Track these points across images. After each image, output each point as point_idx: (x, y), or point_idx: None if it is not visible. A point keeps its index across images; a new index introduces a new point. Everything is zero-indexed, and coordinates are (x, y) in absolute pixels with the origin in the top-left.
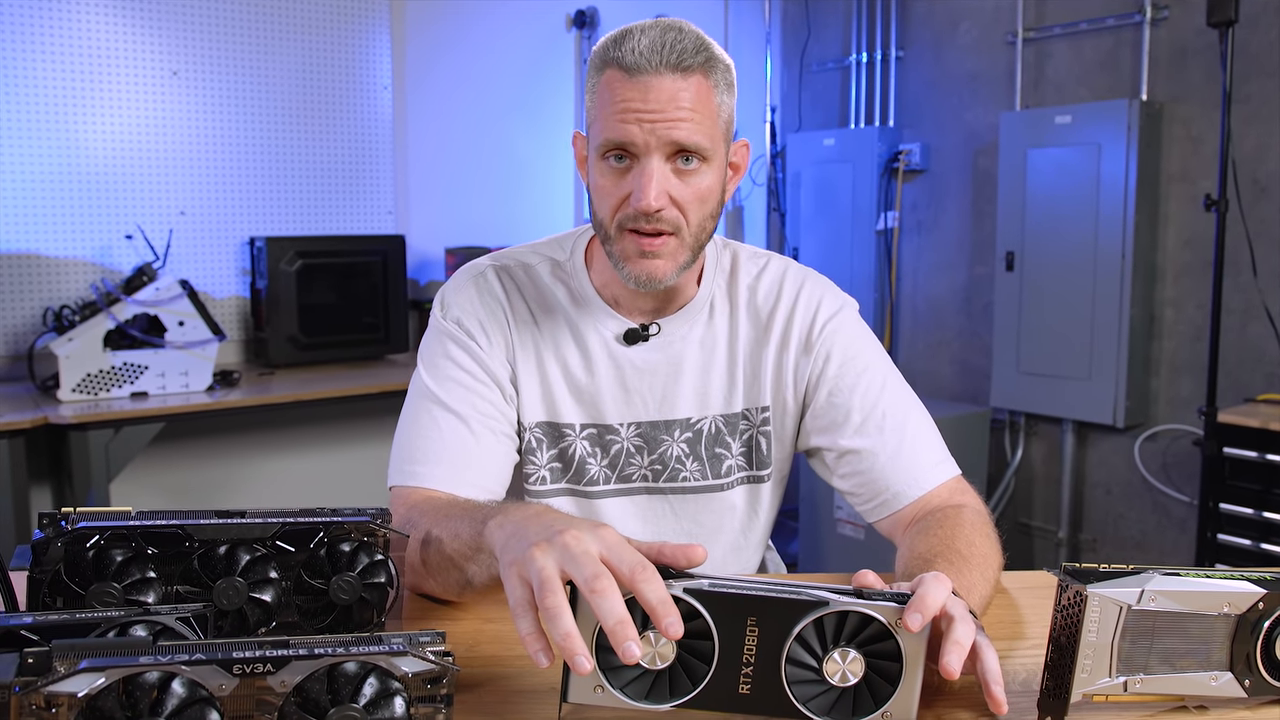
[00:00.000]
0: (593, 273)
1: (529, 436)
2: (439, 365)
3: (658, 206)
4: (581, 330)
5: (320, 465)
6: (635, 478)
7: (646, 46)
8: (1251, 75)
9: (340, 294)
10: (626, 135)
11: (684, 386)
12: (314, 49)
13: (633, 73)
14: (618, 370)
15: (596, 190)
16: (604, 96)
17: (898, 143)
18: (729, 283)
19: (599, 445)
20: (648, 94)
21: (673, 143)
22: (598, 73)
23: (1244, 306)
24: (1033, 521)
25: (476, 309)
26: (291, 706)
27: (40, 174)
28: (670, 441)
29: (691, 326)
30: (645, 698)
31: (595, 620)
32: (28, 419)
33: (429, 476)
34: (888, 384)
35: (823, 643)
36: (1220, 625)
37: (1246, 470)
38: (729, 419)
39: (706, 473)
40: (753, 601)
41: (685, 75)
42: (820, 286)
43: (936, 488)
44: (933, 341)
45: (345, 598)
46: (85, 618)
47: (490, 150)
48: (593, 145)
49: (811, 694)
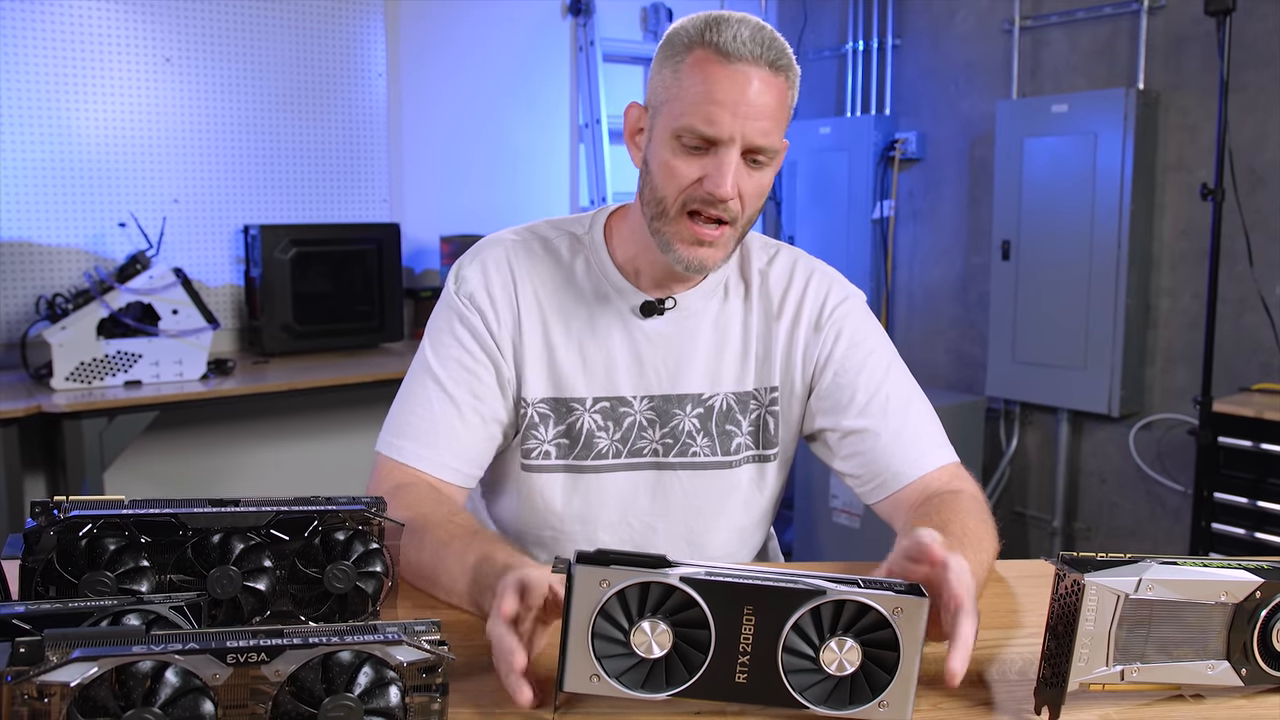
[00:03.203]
0: (613, 248)
1: (531, 412)
2: (443, 341)
3: (732, 195)
4: (598, 303)
5: (316, 454)
6: (646, 451)
7: (748, 37)
8: (1248, 64)
9: (335, 282)
10: (716, 123)
11: (696, 361)
12: (308, 36)
13: (732, 59)
14: (632, 342)
15: (664, 169)
16: (693, 77)
17: (894, 131)
18: (742, 266)
19: (611, 418)
20: (745, 85)
21: (754, 138)
22: (685, 51)
23: (1239, 296)
24: (1027, 510)
25: (489, 283)
26: (286, 696)
27: (33, 161)
28: (682, 416)
29: (707, 304)
30: (641, 687)
31: (592, 609)
32: (21, 408)
33: (414, 455)
34: (892, 369)
35: (820, 632)
36: (1217, 614)
37: (1241, 460)
38: (740, 397)
39: (716, 449)
40: (749, 590)
41: (776, 74)
42: (829, 276)
43: (936, 470)
44: (928, 330)
45: (340, 586)
46: (78, 607)
47: (485, 138)
48: (669, 123)
49: (808, 683)
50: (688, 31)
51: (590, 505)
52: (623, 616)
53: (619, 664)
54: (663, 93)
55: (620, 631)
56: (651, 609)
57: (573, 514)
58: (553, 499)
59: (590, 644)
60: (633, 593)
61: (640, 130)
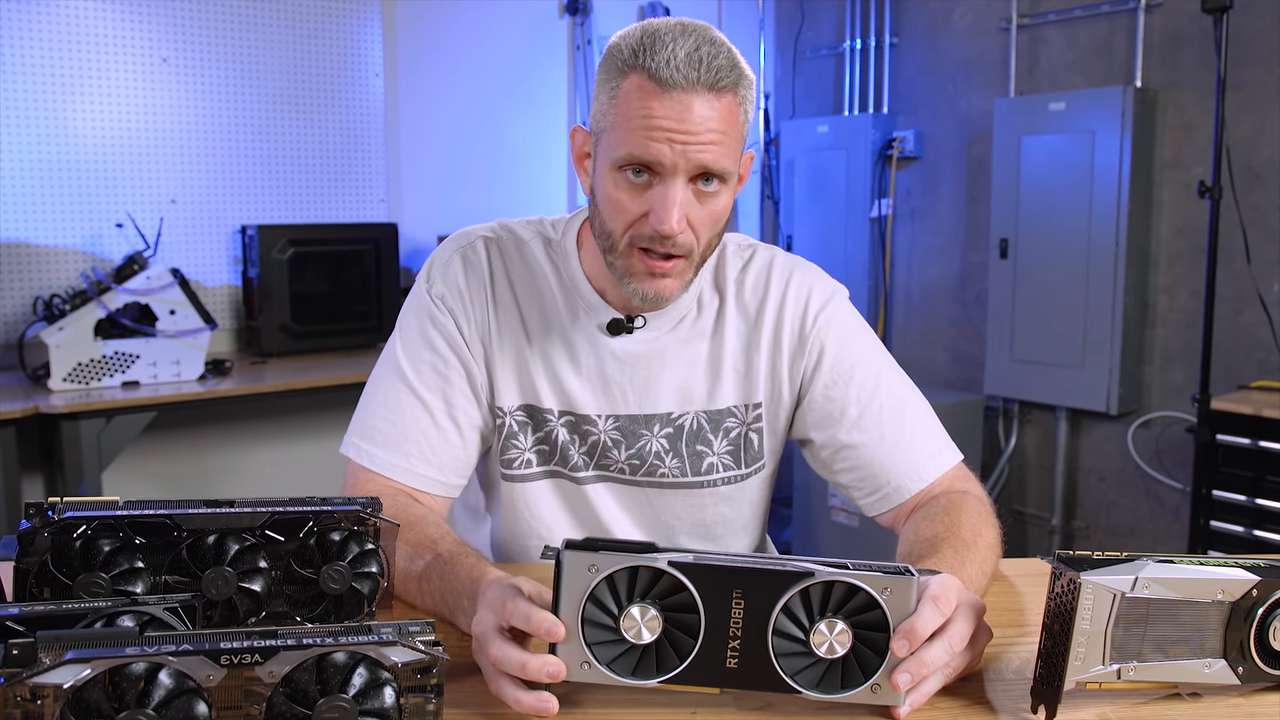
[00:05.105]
0: (583, 259)
1: (509, 421)
2: (413, 342)
3: (679, 230)
4: (565, 316)
5: (314, 454)
6: (613, 469)
7: (683, 60)
8: (1246, 62)
9: (332, 282)
10: (655, 155)
11: (665, 381)
12: (305, 36)
13: (667, 87)
14: (598, 360)
15: (609, 202)
16: (629, 106)
17: (892, 130)
18: (716, 276)
19: (577, 434)
20: (683, 113)
21: (700, 166)
22: (621, 76)
23: (1237, 294)
24: (1026, 508)
25: (461, 283)
26: (280, 697)
27: (29, 162)
28: (649, 436)
29: (679, 320)
30: (632, 674)
31: (581, 594)
32: (18, 408)
33: (387, 465)
34: (883, 374)
35: (809, 614)
36: (1214, 612)
37: (1239, 457)
38: (713, 415)
39: (686, 470)
40: (738, 574)
41: (719, 95)
42: (809, 276)
43: (938, 478)
44: (926, 329)
45: (336, 587)
46: (72, 608)
47: (483, 137)
48: (608, 153)
49: (800, 666)
50: (622, 52)
51: (574, 512)
52: (612, 602)
53: (609, 651)
54: (602, 119)
55: (610, 617)
56: (640, 594)
57: (558, 522)
58: (538, 507)
59: (580, 631)
60: (621, 578)
61: (587, 155)
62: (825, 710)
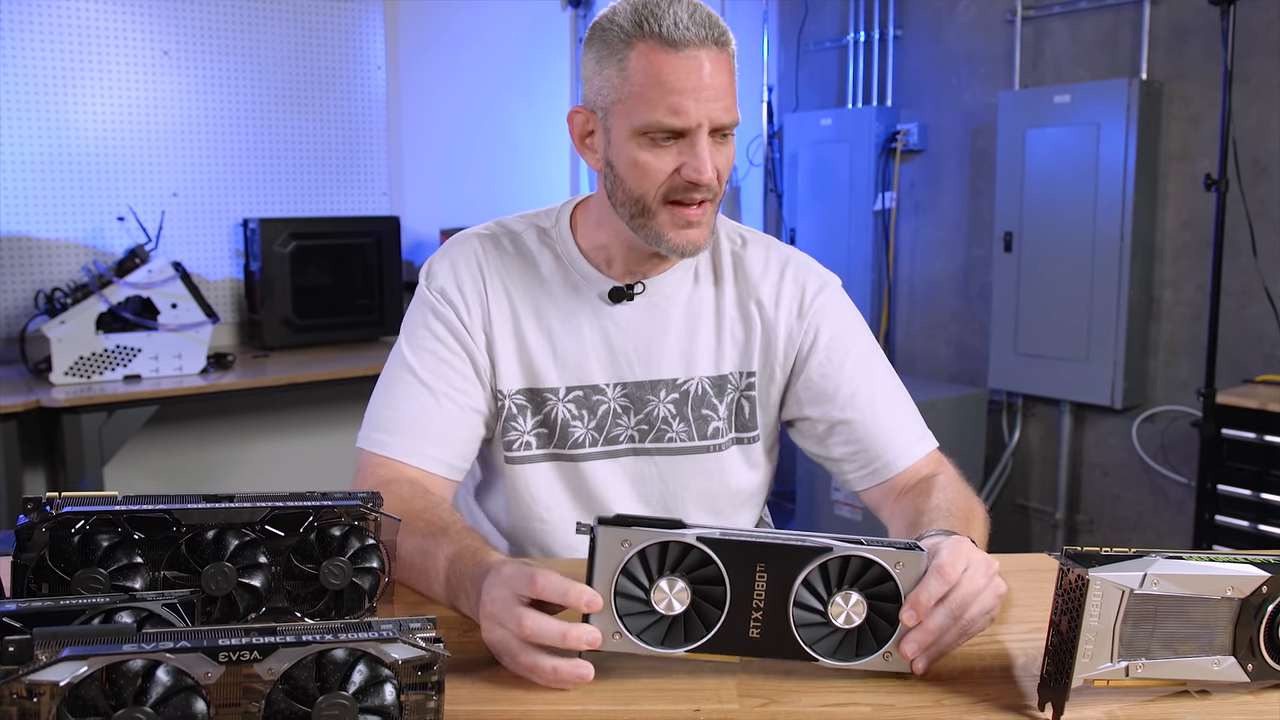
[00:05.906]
0: (579, 237)
1: (509, 404)
2: (417, 334)
3: (713, 178)
4: (566, 293)
5: (316, 448)
6: (622, 439)
7: (688, 19)
8: (1252, 54)
9: (334, 276)
10: (682, 113)
11: (669, 347)
12: (307, 28)
13: (680, 46)
14: (602, 330)
15: (635, 168)
16: (643, 71)
17: (895, 123)
18: (712, 251)
19: (585, 407)
20: (700, 69)
21: (718, 123)
22: (625, 46)
23: (1243, 287)
24: (1030, 503)
25: (459, 277)
26: (279, 694)
27: (31, 155)
28: (657, 401)
29: (677, 287)
30: (661, 643)
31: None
32: (20, 402)
33: (393, 446)
34: (874, 360)
35: (828, 586)
36: (1223, 609)
37: (1244, 451)
38: (715, 381)
39: (693, 434)
40: (761, 548)
41: (722, 49)
42: (805, 261)
43: (923, 458)
44: (930, 322)
45: (336, 583)
46: (70, 604)
47: (485, 130)
48: (627, 122)
49: (818, 636)
50: (621, 25)
51: (576, 493)
52: (643, 575)
53: (639, 622)
54: (611, 92)
55: (641, 590)
56: (670, 568)
57: (559, 503)
58: (539, 489)
59: (614, 603)
60: (652, 552)
61: (590, 133)
62: (830, 689)
